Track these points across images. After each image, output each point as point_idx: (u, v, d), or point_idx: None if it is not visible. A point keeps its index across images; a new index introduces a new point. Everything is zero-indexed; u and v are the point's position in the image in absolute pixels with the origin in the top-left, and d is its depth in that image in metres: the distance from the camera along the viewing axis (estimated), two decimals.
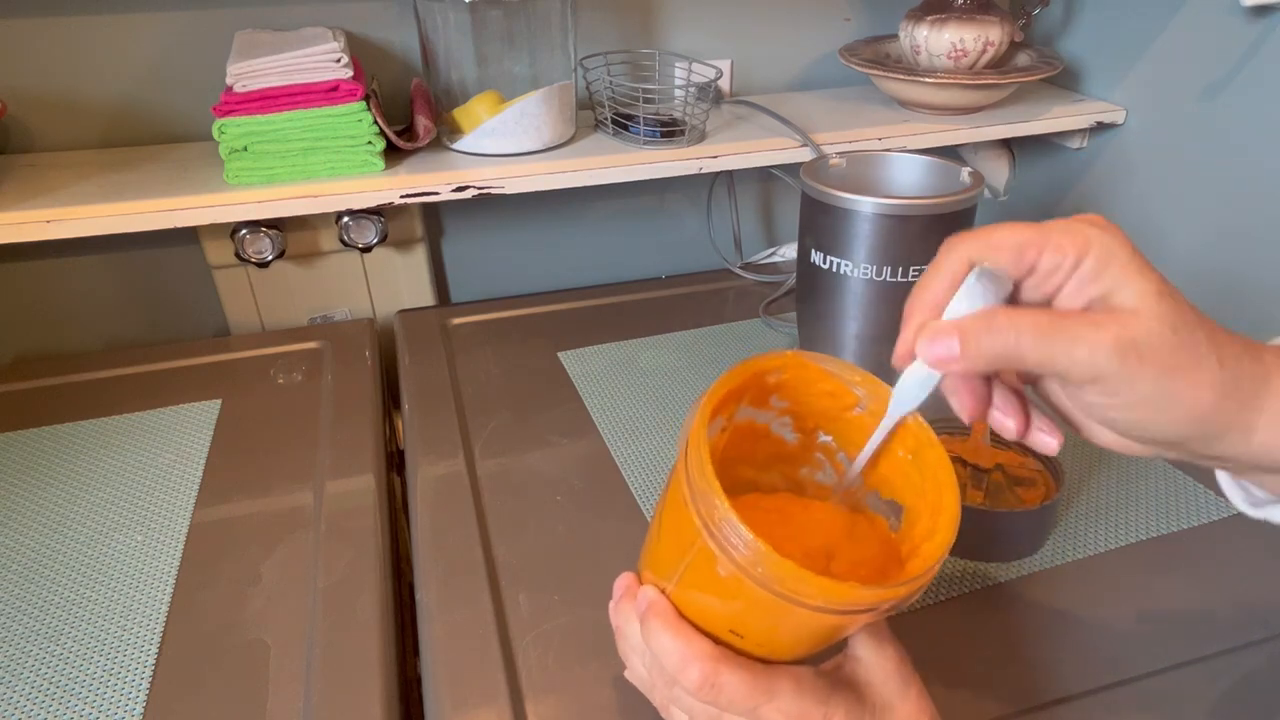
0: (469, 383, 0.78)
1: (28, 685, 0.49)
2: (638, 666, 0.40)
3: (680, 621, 0.36)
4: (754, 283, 0.97)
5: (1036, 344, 0.30)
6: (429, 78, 0.80)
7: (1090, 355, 0.29)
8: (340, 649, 0.51)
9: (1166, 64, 0.86)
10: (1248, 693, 0.47)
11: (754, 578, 0.31)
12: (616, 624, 0.40)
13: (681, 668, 0.35)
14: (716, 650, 0.35)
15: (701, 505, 0.33)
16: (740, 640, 0.36)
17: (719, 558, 0.32)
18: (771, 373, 0.39)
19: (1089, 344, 0.29)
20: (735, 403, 0.39)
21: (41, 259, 0.84)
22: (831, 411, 0.40)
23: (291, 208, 0.72)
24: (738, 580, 0.32)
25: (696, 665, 0.34)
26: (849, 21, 0.98)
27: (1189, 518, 0.60)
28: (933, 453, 0.37)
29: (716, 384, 0.37)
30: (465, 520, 0.61)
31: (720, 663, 0.34)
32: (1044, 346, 0.30)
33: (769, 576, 0.31)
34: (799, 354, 0.38)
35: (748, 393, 0.39)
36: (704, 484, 0.32)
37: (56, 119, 0.79)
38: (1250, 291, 0.81)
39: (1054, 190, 1.03)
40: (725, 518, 0.32)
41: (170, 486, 0.65)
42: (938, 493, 0.37)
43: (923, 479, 0.38)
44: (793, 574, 0.31)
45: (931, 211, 0.57)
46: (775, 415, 0.41)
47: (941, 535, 0.35)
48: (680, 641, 0.35)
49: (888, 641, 0.37)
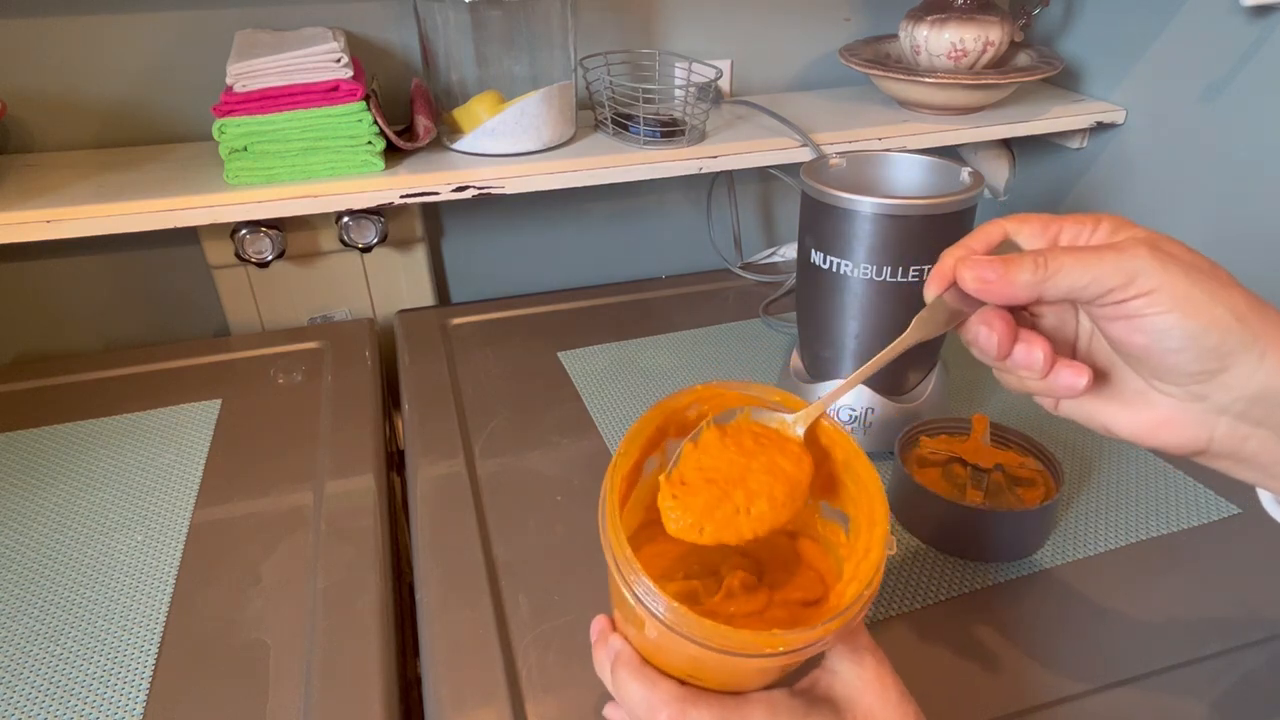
0: (469, 383, 0.78)
1: (28, 685, 0.49)
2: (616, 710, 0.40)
3: (644, 668, 0.37)
4: (754, 283, 0.97)
5: (1071, 255, 0.32)
6: (429, 78, 0.80)
7: (1121, 255, 0.31)
8: (340, 649, 0.51)
9: (1166, 64, 0.86)
10: (1248, 693, 0.47)
11: (684, 637, 0.32)
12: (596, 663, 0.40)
13: (650, 714, 0.35)
14: (683, 691, 0.36)
15: (624, 573, 0.34)
16: (702, 683, 0.36)
17: (648, 621, 0.33)
18: (689, 407, 0.40)
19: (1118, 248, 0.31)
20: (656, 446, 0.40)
21: (41, 259, 0.84)
22: None
23: (291, 208, 0.72)
24: (674, 638, 0.33)
25: (664, 711, 0.35)
26: (849, 21, 0.98)
27: (1189, 518, 0.60)
28: (859, 463, 0.38)
29: (624, 443, 0.38)
30: (465, 520, 0.61)
31: (687, 703, 0.35)
32: (1079, 257, 0.31)
33: (696, 636, 0.32)
34: (710, 385, 0.40)
35: (668, 432, 0.40)
36: (621, 555, 0.34)
37: (56, 119, 0.79)
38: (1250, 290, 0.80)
39: (1054, 190, 1.03)
40: (645, 587, 0.33)
41: (170, 486, 0.65)
42: (870, 505, 0.37)
43: (858, 490, 0.39)
44: (716, 632, 0.32)
45: (931, 211, 0.57)
46: None
47: (874, 553, 0.36)
48: (646, 688, 0.36)
49: (865, 650, 0.37)
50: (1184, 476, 0.64)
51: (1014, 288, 0.32)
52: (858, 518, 0.39)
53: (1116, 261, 0.31)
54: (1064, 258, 0.32)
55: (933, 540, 0.58)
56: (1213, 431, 0.33)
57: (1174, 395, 0.33)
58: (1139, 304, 0.31)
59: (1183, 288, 0.30)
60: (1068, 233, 0.34)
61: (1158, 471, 0.65)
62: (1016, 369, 0.35)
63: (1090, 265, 0.31)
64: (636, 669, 0.36)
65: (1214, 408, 0.32)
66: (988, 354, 0.35)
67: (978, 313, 0.34)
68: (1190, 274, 0.30)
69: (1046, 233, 0.34)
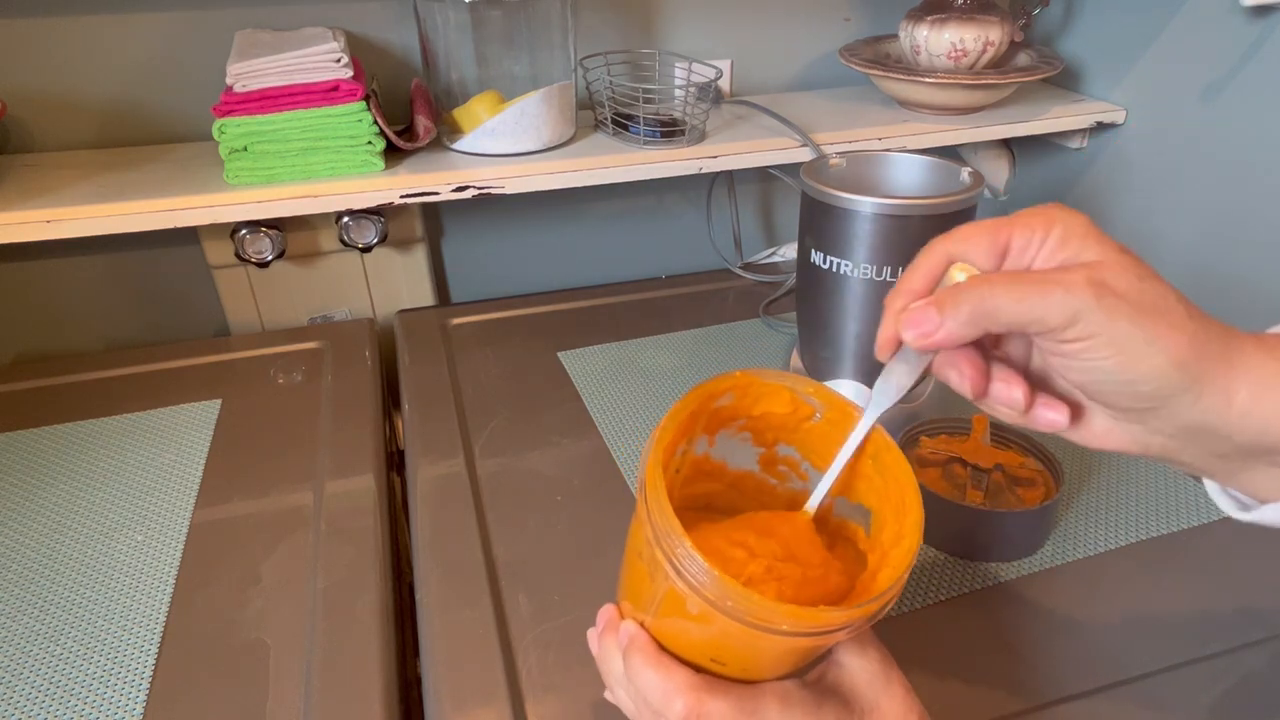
0: (469, 383, 0.78)
1: (28, 685, 0.49)
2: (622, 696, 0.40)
3: (661, 655, 0.36)
4: (754, 283, 0.97)
5: (1010, 294, 0.31)
6: (429, 78, 0.80)
7: (1065, 294, 0.30)
8: (340, 649, 0.51)
9: (1166, 64, 0.86)
10: (1248, 693, 0.47)
11: (724, 611, 0.32)
12: (598, 654, 0.40)
13: (666, 702, 0.35)
14: (699, 680, 0.35)
15: (665, 545, 0.33)
16: (722, 667, 0.36)
17: (688, 595, 0.33)
18: (722, 395, 0.39)
19: (1063, 285, 0.30)
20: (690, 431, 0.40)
21: (41, 259, 0.84)
22: (789, 423, 0.41)
23: (291, 208, 0.72)
24: (709, 614, 0.32)
25: (680, 698, 0.35)
26: (849, 21, 0.98)
27: (1189, 518, 0.60)
28: (890, 455, 0.38)
29: (667, 418, 0.37)
30: (465, 520, 0.61)
31: (703, 692, 0.35)
32: (1019, 295, 0.31)
33: (738, 610, 0.32)
34: (746, 372, 0.39)
35: (702, 417, 0.40)
36: (665, 524, 0.33)
37: (56, 119, 0.79)
38: (1249, 291, 0.81)
39: (1054, 190, 1.03)
40: (689, 556, 0.32)
41: (170, 486, 0.65)
42: (900, 494, 0.37)
43: (885, 482, 0.38)
44: (761, 605, 0.31)
45: (931, 211, 0.57)
46: (735, 432, 0.41)
47: (909, 540, 0.35)
48: (662, 675, 0.35)
49: (870, 644, 0.38)
50: (1184, 477, 0.64)
51: (954, 332, 0.32)
52: (883, 510, 0.38)
53: (1062, 301, 0.30)
54: (1002, 298, 0.31)
55: (933, 540, 0.58)
56: (1146, 448, 0.34)
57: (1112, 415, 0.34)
58: (1077, 347, 0.31)
59: (1123, 333, 0.30)
60: (1017, 242, 0.33)
61: (1158, 471, 0.65)
62: (996, 406, 0.35)
63: (1032, 304, 0.31)
64: (652, 655, 0.36)
65: (1149, 430, 0.33)
66: (962, 392, 0.35)
67: (941, 356, 0.35)
68: (1134, 317, 0.30)
69: (995, 247, 0.33)
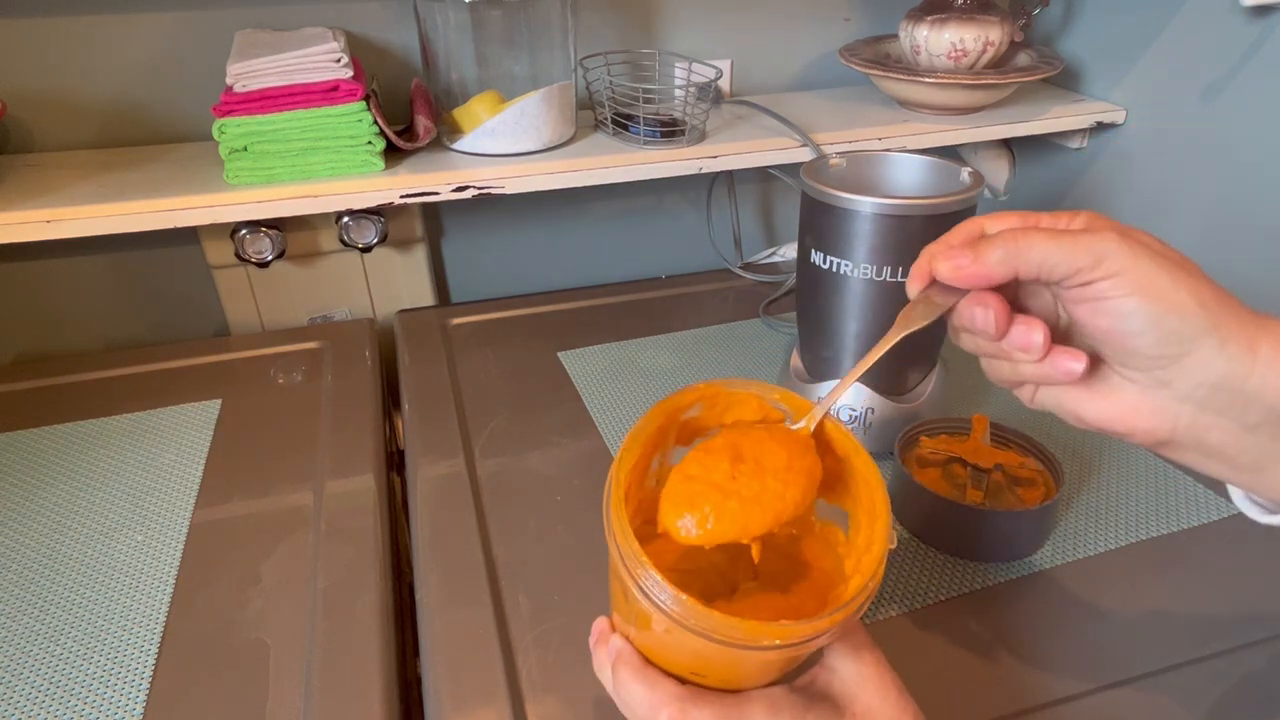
0: (469, 383, 0.78)
1: (28, 685, 0.49)
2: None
3: (646, 668, 0.37)
4: (754, 283, 0.97)
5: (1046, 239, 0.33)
6: (429, 78, 0.80)
7: (1092, 238, 0.32)
8: (340, 649, 0.51)
9: (1166, 64, 0.86)
10: (1248, 693, 0.47)
11: (690, 630, 0.32)
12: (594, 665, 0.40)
13: (652, 714, 0.36)
14: (684, 691, 0.36)
15: (629, 567, 0.34)
16: (703, 679, 0.36)
17: (655, 615, 0.33)
18: (690, 407, 0.40)
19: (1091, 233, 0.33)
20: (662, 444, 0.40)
21: (41, 259, 0.84)
22: None
23: (291, 208, 0.72)
24: (679, 632, 0.33)
25: (664, 710, 0.35)
26: (849, 21, 0.98)
27: (1189, 518, 0.60)
28: (859, 458, 0.38)
29: (629, 438, 0.38)
30: (465, 520, 0.61)
31: (688, 702, 0.35)
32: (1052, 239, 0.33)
33: (702, 628, 0.32)
34: (711, 383, 0.40)
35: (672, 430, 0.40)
36: (627, 548, 0.34)
37: (56, 119, 0.79)
38: (1249, 291, 0.80)
39: (1054, 190, 1.03)
40: (651, 579, 0.33)
41: (170, 486, 0.65)
42: (871, 498, 0.37)
43: (857, 485, 0.39)
44: (723, 623, 0.32)
45: (931, 211, 0.57)
46: None
47: (878, 546, 0.36)
48: (646, 688, 0.36)
49: (864, 647, 0.37)
50: (1184, 476, 0.64)
51: (988, 266, 0.34)
52: (857, 514, 0.39)
53: (1087, 243, 0.32)
54: (1035, 235, 0.33)
55: (933, 540, 0.58)
56: (1176, 421, 0.34)
57: (1139, 382, 0.34)
58: (1105, 286, 0.32)
59: (1148, 272, 0.32)
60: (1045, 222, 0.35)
61: (1158, 471, 0.65)
62: (1013, 351, 0.35)
63: (1061, 242, 0.32)
64: (638, 669, 0.37)
65: (1177, 395, 0.33)
66: (985, 333, 0.35)
67: (971, 295, 0.35)
68: (1157, 260, 0.32)
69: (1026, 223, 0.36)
